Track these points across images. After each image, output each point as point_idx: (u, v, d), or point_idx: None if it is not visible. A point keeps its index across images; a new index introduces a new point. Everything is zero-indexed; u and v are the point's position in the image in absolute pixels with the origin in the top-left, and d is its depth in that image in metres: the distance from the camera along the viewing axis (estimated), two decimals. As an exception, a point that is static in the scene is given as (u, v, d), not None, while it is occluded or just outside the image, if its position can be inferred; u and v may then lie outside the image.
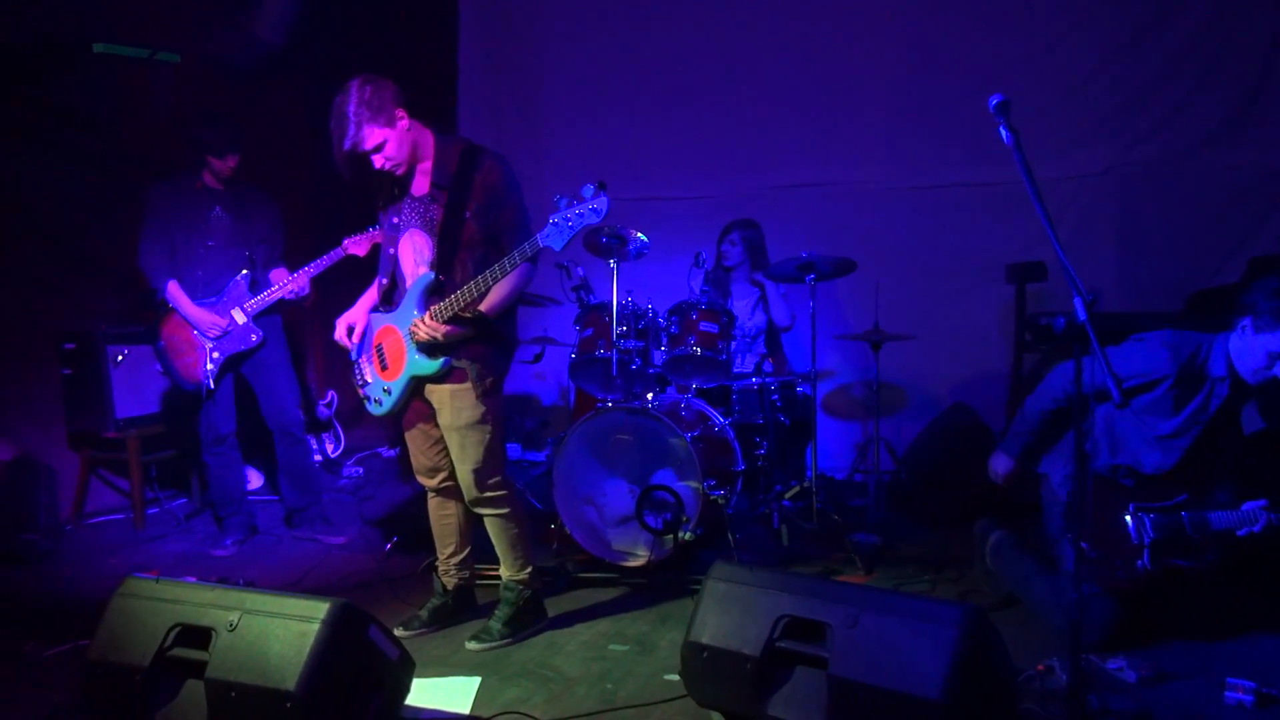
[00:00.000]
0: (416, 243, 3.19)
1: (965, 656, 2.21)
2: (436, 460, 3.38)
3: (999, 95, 2.43)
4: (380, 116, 2.99)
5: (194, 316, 4.34)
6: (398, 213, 3.24)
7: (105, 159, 5.14)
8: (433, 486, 3.44)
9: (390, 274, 3.29)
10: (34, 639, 3.28)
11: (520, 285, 3.13)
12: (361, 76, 3.02)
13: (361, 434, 6.82)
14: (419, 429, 3.35)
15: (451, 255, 3.10)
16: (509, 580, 3.38)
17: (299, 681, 2.29)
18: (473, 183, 3.09)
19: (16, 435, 4.65)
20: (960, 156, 5.49)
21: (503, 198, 3.10)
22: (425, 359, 3.14)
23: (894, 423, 5.58)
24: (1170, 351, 3.15)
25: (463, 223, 3.09)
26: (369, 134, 2.99)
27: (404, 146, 3.07)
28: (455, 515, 3.48)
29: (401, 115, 3.04)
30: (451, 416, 3.19)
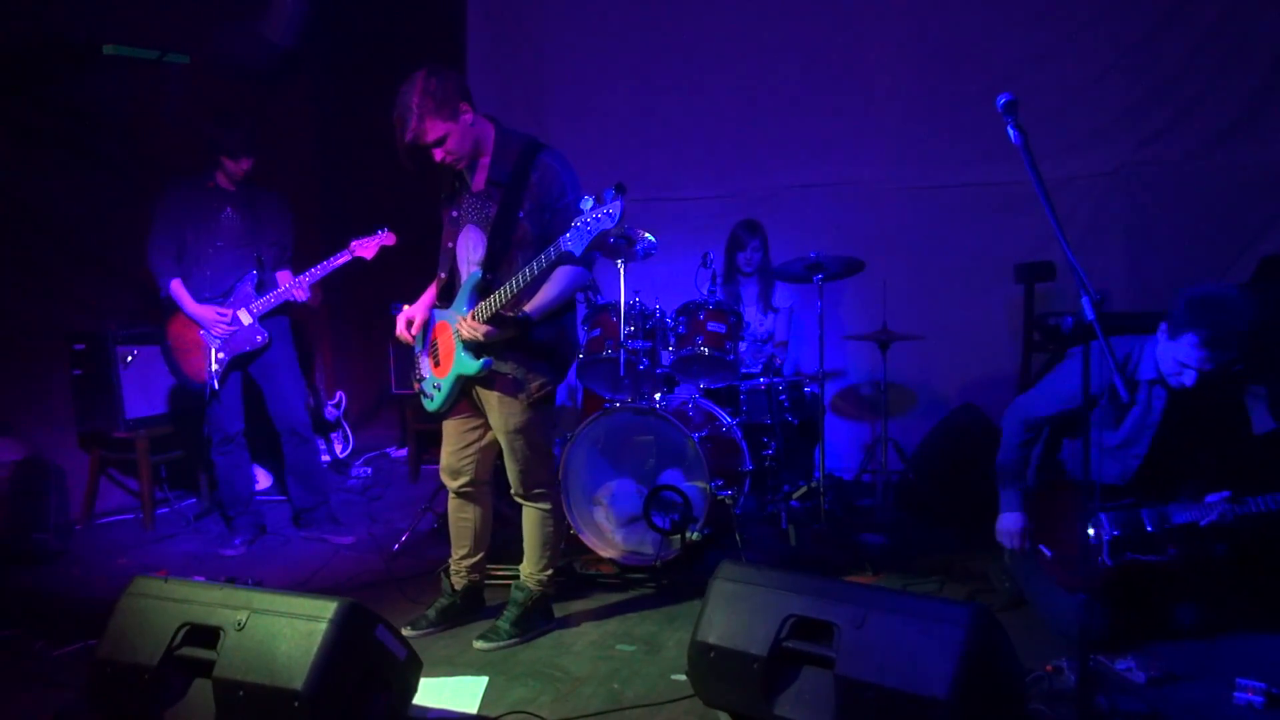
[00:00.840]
0: (472, 239, 3.17)
1: (973, 657, 2.20)
2: (461, 464, 3.38)
3: (1007, 95, 2.42)
4: (444, 109, 2.96)
5: (197, 314, 4.36)
6: (458, 207, 3.22)
7: (115, 160, 5.16)
8: (453, 488, 3.44)
9: (449, 269, 3.27)
10: (44, 638, 3.30)
11: (569, 289, 3.10)
12: (428, 67, 2.99)
13: (370, 434, 6.84)
14: (454, 428, 3.36)
15: (502, 254, 3.07)
16: (526, 578, 3.38)
17: (306, 681, 2.29)
18: (528, 181, 3.06)
19: (27, 435, 4.67)
20: (969, 156, 5.47)
21: (556, 199, 3.05)
22: (470, 358, 3.13)
23: (902, 423, 5.56)
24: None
25: (515, 222, 3.06)
26: (431, 127, 2.96)
27: (466, 141, 3.04)
28: (471, 519, 3.48)
29: (465, 109, 3.01)
30: (500, 420, 3.20)
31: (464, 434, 3.35)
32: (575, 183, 3.11)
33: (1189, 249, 5.19)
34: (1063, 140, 5.23)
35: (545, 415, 3.24)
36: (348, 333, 7.01)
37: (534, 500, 3.33)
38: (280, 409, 4.59)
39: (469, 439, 3.35)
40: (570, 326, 3.30)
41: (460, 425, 3.35)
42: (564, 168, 3.10)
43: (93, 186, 5.08)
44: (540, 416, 3.22)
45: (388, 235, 4.47)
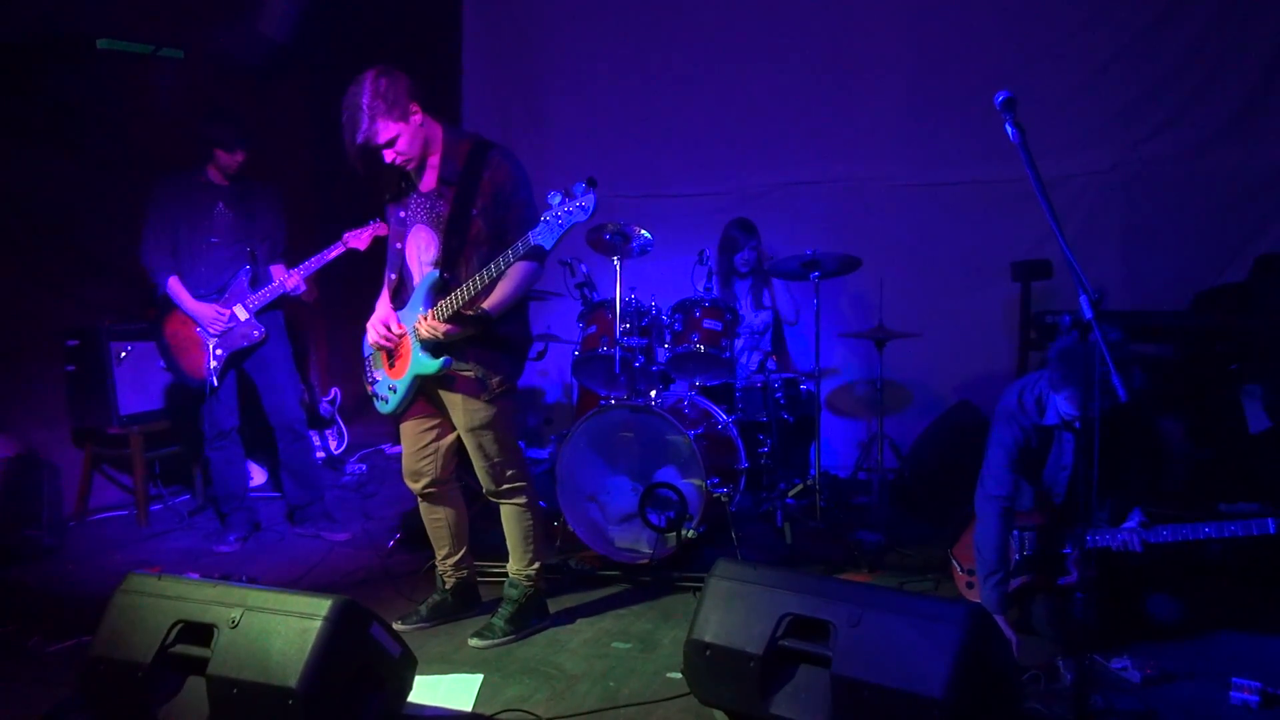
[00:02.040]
0: (422, 239, 3.17)
1: (968, 655, 2.20)
2: (421, 465, 3.36)
3: (1005, 92, 2.42)
4: (394, 110, 2.96)
5: (195, 311, 4.34)
6: (404, 207, 3.22)
7: (108, 155, 5.13)
8: (416, 490, 3.42)
9: (398, 269, 3.26)
10: (37, 635, 3.28)
11: (524, 284, 3.08)
12: (377, 68, 2.99)
13: (365, 431, 6.82)
14: (411, 430, 3.35)
15: (458, 253, 3.07)
16: (515, 575, 3.38)
17: (301, 679, 2.28)
18: (480, 179, 3.06)
19: (20, 431, 4.64)
20: (966, 153, 5.48)
21: (510, 195, 3.06)
22: (428, 358, 3.12)
23: (898, 421, 5.56)
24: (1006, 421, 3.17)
25: (469, 220, 3.06)
26: (382, 128, 2.96)
27: (416, 141, 3.05)
28: (444, 519, 3.47)
29: (415, 110, 3.02)
30: (464, 419, 3.18)
31: (421, 434, 3.33)
32: (526, 180, 3.12)
33: (1185, 247, 5.20)
34: (1060, 138, 5.24)
35: (508, 410, 3.23)
36: (342, 329, 6.98)
37: (507, 497, 3.31)
38: (275, 405, 4.58)
39: (426, 439, 3.33)
40: (525, 321, 3.31)
41: (417, 426, 3.33)
42: (515, 166, 3.12)
43: (86, 181, 5.05)
44: (503, 412, 3.21)
45: (380, 226, 4.45)
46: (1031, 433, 3.15)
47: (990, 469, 3.19)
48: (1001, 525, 3.12)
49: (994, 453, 3.18)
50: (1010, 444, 3.15)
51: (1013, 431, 3.15)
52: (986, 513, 3.15)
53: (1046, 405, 3.12)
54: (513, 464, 3.28)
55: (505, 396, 3.20)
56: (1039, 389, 3.14)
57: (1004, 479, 3.15)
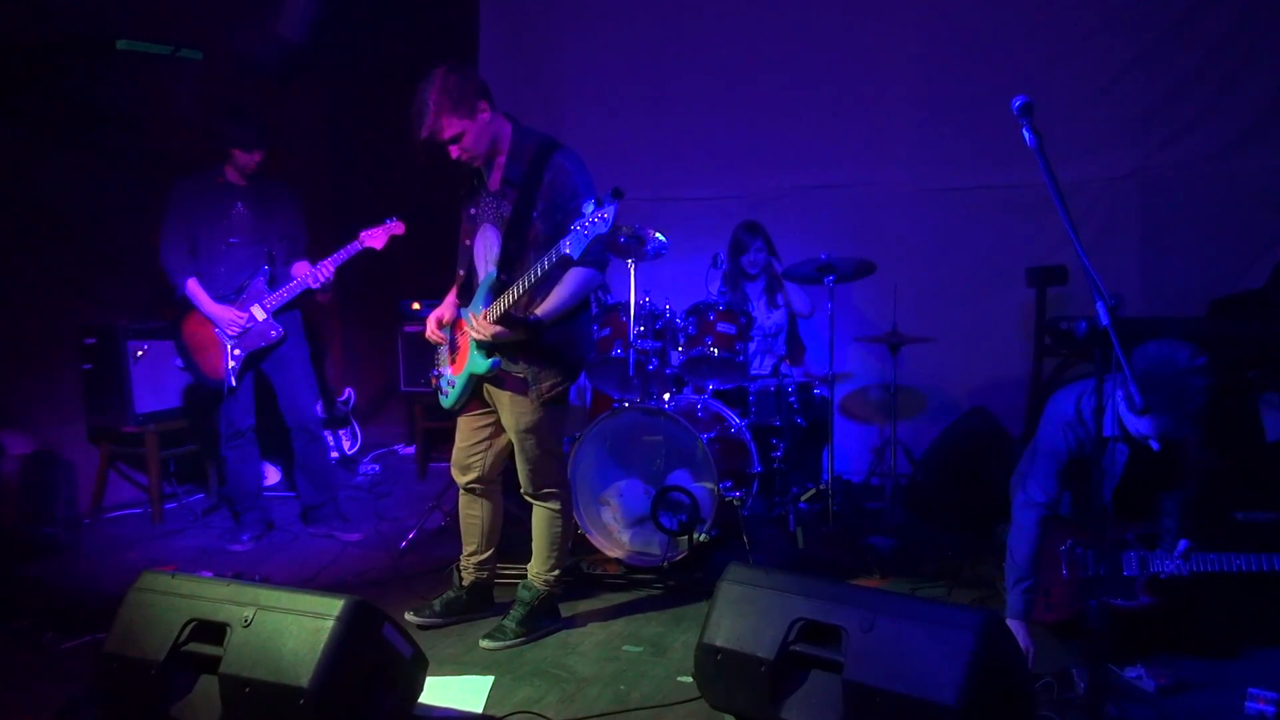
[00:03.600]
0: (488, 238, 3.18)
1: (981, 663, 2.18)
2: (471, 460, 3.39)
3: (1022, 97, 2.40)
4: (461, 107, 2.97)
5: (214, 313, 4.36)
6: (476, 205, 3.23)
7: (127, 155, 5.17)
8: (462, 483, 3.45)
9: (467, 267, 3.27)
10: (52, 631, 3.31)
11: (579, 291, 3.09)
12: (447, 64, 3.01)
13: (378, 431, 6.84)
14: (466, 425, 3.38)
15: (517, 254, 3.07)
16: (532, 577, 3.37)
17: (312, 678, 2.29)
18: (542, 182, 3.05)
19: (37, 429, 4.68)
20: (982, 158, 5.44)
21: (568, 200, 3.04)
22: (480, 357, 3.15)
23: (911, 426, 5.54)
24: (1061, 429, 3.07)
25: (530, 222, 3.06)
26: (447, 124, 2.98)
27: (482, 139, 3.06)
28: (480, 516, 3.48)
29: (483, 107, 3.03)
30: (511, 420, 3.21)
31: (475, 430, 3.36)
32: (589, 184, 3.09)
33: (1203, 254, 5.15)
34: (1078, 143, 5.20)
35: (556, 415, 3.24)
36: (357, 330, 7.02)
37: (543, 500, 3.33)
38: (291, 405, 4.59)
39: (479, 436, 3.36)
40: (582, 328, 3.29)
41: (472, 422, 3.36)
42: (577, 169, 3.10)
43: (105, 181, 5.09)
44: (550, 416, 3.22)
45: (396, 224, 4.47)
46: (1087, 443, 3.04)
47: (1036, 475, 3.11)
48: (1039, 532, 3.08)
49: (1043, 459, 3.10)
50: (1064, 452, 3.05)
51: (1067, 441, 3.04)
52: (1025, 519, 3.10)
53: (1105, 417, 3.05)
54: (553, 469, 3.30)
55: (554, 402, 3.20)
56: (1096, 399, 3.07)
57: (1050, 486, 3.08)
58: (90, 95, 5.00)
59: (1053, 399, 3.18)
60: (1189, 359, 2.77)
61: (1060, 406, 3.11)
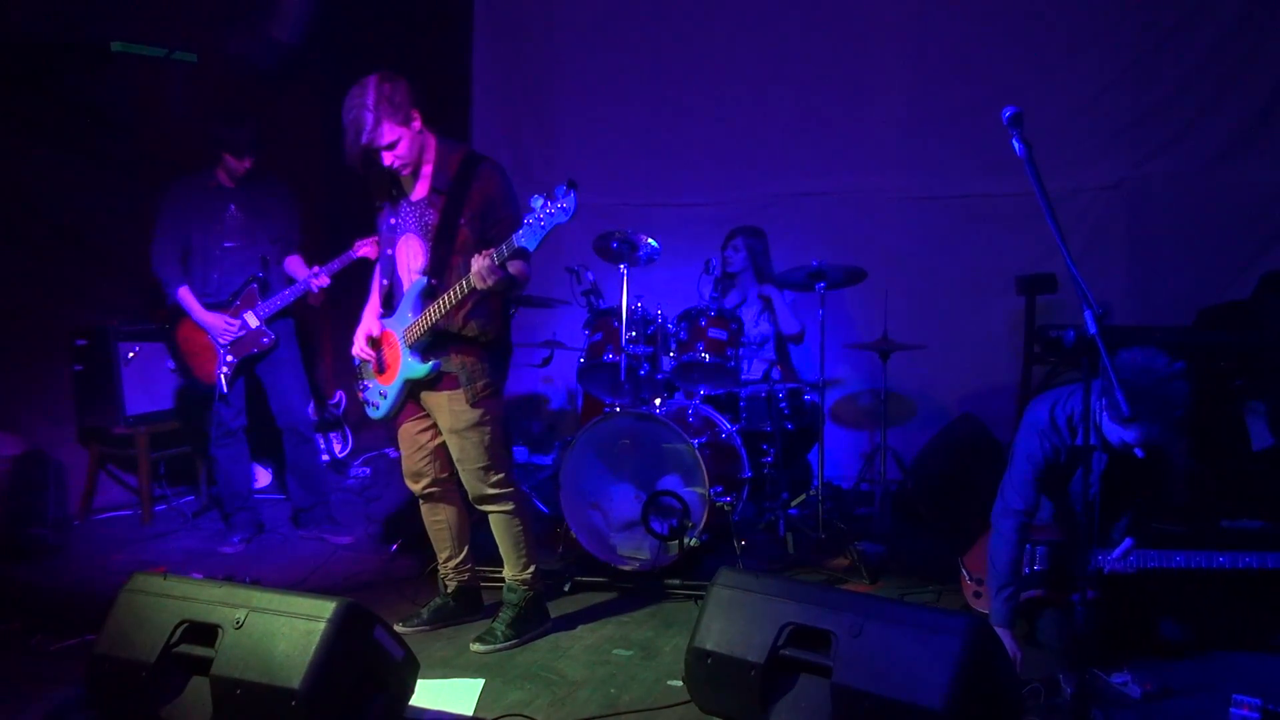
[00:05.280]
0: (412, 247, 3.23)
1: (968, 667, 2.21)
2: (421, 466, 3.41)
3: (1012, 107, 2.43)
4: (398, 114, 3.04)
5: (205, 321, 4.36)
6: (395, 214, 3.28)
7: (121, 157, 5.17)
8: (417, 491, 3.47)
9: (390, 275, 3.31)
10: (41, 633, 3.30)
11: (525, 273, 3.14)
12: (380, 73, 3.06)
13: (369, 435, 6.82)
14: (408, 434, 3.40)
15: (445, 260, 3.14)
16: (511, 580, 3.40)
17: (304, 680, 2.30)
18: (470, 189, 3.13)
19: (27, 429, 4.66)
20: (973, 167, 5.49)
21: (499, 206, 3.14)
22: (417, 362, 3.19)
23: (901, 432, 5.57)
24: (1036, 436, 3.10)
25: (457, 229, 3.13)
26: (386, 130, 3.03)
27: (414, 147, 3.13)
28: (445, 520, 3.51)
29: (416, 116, 3.10)
30: (449, 421, 3.24)
31: (417, 436, 3.39)
32: (514, 195, 3.19)
33: (1190, 263, 5.20)
34: (1065, 153, 5.25)
35: (493, 414, 3.27)
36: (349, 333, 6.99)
37: (493, 503, 3.32)
38: (282, 407, 4.60)
39: (423, 440, 3.38)
40: (508, 328, 3.37)
41: (412, 429, 3.39)
42: (504, 179, 3.19)
43: (98, 182, 5.08)
44: (488, 415, 3.24)
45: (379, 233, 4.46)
46: (1062, 450, 3.08)
47: (1013, 482, 3.13)
48: (1018, 539, 3.09)
49: (1019, 466, 3.12)
50: (1039, 459, 3.08)
51: (1043, 448, 3.07)
52: (1004, 526, 3.12)
53: (1079, 426, 3.03)
54: (497, 469, 3.30)
55: (490, 399, 3.25)
56: (1070, 408, 3.05)
57: (1026, 494, 3.11)
58: (85, 97, 5.00)
59: (1029, 407, 3.21)
60: (1167, 365, 2.80)
61: (1036, 414, 3.14)
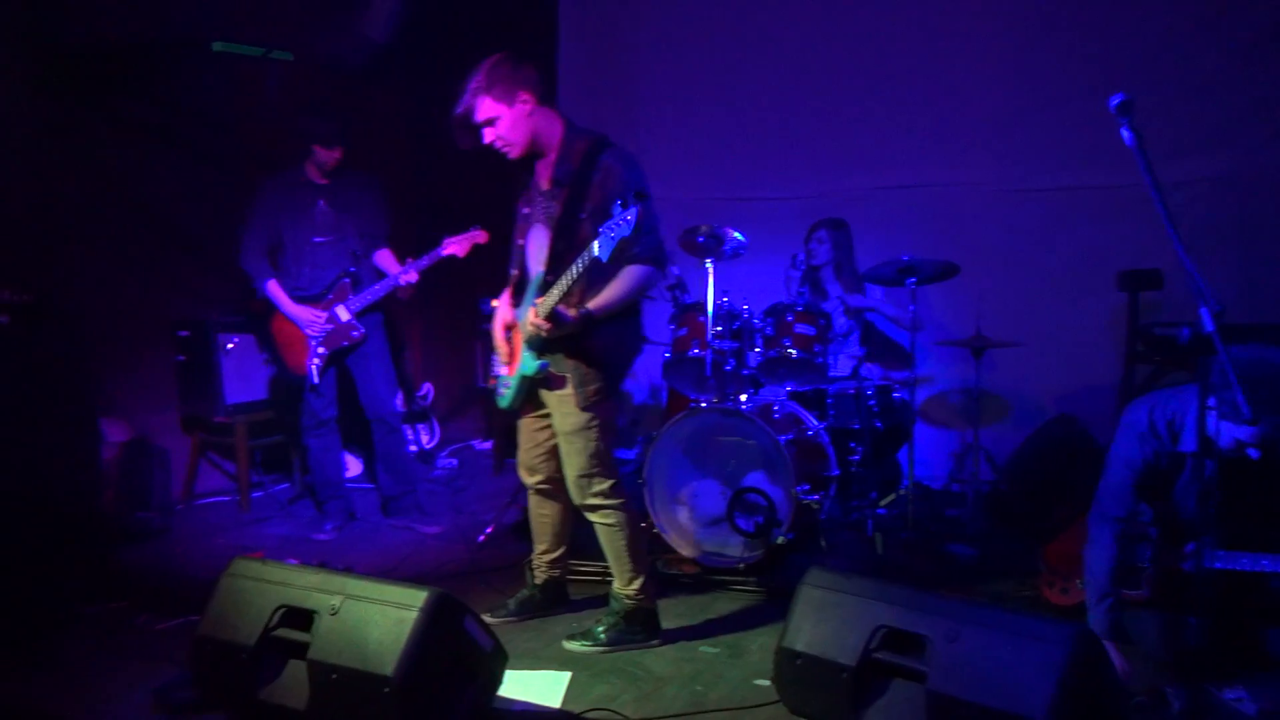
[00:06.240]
0: (539, 239, 3.16)
1: (1073, 679, 2.12)
2: (535, 461, 3.40)
3: (1121, 94, 2.32)
4: (497, 90, 2.99)
5: (294, 314, 4.47)
6: (529, 203, 3.24)
7: (220, 154, 5.34)
8: (529, 484, 3.46)
9: (520, 266, 3.27)
10: (147, 612, 3.43)
11: (634, 288, 3.03)
12: (504, 53, 3.05)
13: (456, 426, 6.95)
14: (527, 428, 3.38)
15: (565, 255, 3.03)
16: (616, 591, 3.31)
17: (397, 667, 2.33)
18: (590, 182, 3.03)
19: (135, 418, 4.85)
20: (1069, 158, 5.30)
21: (615, 201, 2.96)
22: (531, 359, 3.13)
23: (994, 432, 5.41)
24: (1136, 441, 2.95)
25: (578, 223, 3.03)
26: (482, 105, 3.00)
27: (519, 129, 3.05)
28: (550, 515, 3.48)
29: (526, 98, 3.02)
30: (559, 421, 3.19)
31: (535, 432, 3.36)
32: (637, 180, 3.01)
33: (1308, 258, 4.94)
34: (1171, 143, 5.01)
35: (601, 421, 3.15)
36: (436, 327, 7.13)
37: (593, 512, 3.24)
38: (371, 398, 4.69)
39: (540, 437, 3.35)
40: (630, 332, 3.21)
41: (532, 424, 3.36)
42: (626, 168, 3.03)
43: (198, 180, 5.25)
44: (595, 422, 3.14)
45: (479, 233, 4.52)
46: (1163, 456, 2.93)
47: (1110, 488, 3.00)
48: (1116, 548, 2.96)
49: (1117, 471, 2.99)
50: (1139, 464, 2.94)
51: (1143, 452, 2.93)
52: (1101, 533, 2.99)
53: (1181, 431, 2.90)
54: (602, 478, 3.19)
55: (600, 406, 3.14)
56: (1171, 411, 2.91)
57: (1125, 499, 2.97)
58: (187, 97, 5.17)
59: (1127, 410, 3.06)
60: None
61: (1134, 417, 2.99)
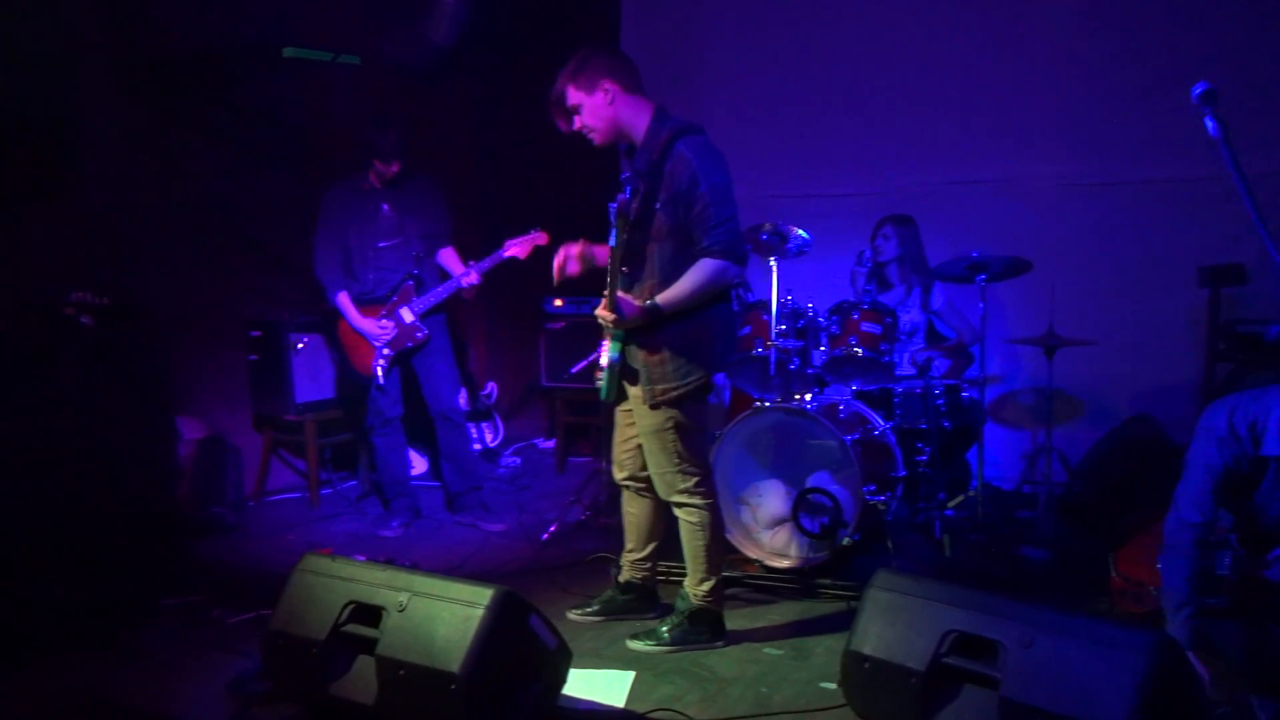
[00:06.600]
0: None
1: (1154, 687, 2.05)
2: (623, 457, 3.39)
3: (1204, 84, 2.22)
4: (581, 78, 3.03)
5: (361, 327, 4.55)
6: (625, 191, 3.20)
7: (290, 158, 5.44)
8: (617, 480, 3.45)
9: None
10: (221, 606, 3.51)
11: (705, 283, 2.97)
12: (593, 44, 3.12)
13: (519, 425, 6.99)
14: (620, 422, 3.35)
15: (640, 245, 3.04)
16: (685, 589, 3.29)
17: (463, 664, 2.35)
18: (663, 172, 3.01)
19: (209, 416, 4.98)
20: (1144, 151, 5.13)
21: (690, 190, 2.95)
22: (612, 349, 3.10)
23: (1066, 432, 5.26)
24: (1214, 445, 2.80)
25: (653, 213, 3.02)
26: (567, 92, 3.06)
27: (599, 116, 3.07)
28: (636, 514, 3.45)
29: (607, 87, 3.03)
30: (637, 418, 3.20)
31: (625, 427, 3.34)
32: (709, 169, 2.96)
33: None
34: (1258, 133, 4.82)
35: (678, 422, 3.10)
36: (499, 326, 7.18)
37: (678, 508, 3.22)
38: (434, 393, 4.74)
39: (628, 433, 3.33)
40: (708, 332, 3.10)
41: (622, 419, 3.35)
42: (696, 154, 2.97)
43: (269, 183, 5.35)
44: (670, 423, 3.09)
45: (539, 235, 4.55)
46: (1244, 461, 2.80)
47: (1188, 493, 2.88)
48: (1195, 555, 2.84)
49: (1195, 475, 2.86)
50: (1218, 468, 2.81)
51: (1222, 457, 2.81)
52: (1179, 540, 2.86)
53: (1264, 435, 2.76)
54: (684, 477, 3.14)
55: (674, 405, 3.09)
56: (1254, 413, 2.77)
57: (1204, 505, 2.84)
58: (257, 101, 5.28)
59: (1205, 412, 2.92)
60: None
61: (1213, 420, 2.86)
